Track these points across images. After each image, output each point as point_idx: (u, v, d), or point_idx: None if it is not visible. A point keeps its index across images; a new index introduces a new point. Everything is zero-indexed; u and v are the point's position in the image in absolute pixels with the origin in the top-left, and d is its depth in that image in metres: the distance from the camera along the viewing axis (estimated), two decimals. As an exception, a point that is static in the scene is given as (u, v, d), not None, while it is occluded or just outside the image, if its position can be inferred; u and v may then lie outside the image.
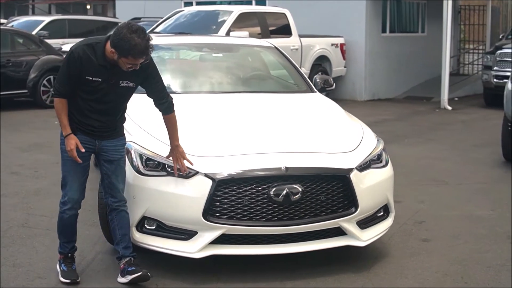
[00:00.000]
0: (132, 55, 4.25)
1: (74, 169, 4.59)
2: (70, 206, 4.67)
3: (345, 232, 5.01)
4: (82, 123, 4.53)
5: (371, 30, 16.57)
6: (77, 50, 4.40)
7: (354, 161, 5.01)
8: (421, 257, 5.42)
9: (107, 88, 4.46)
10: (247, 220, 4.70)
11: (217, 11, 13.64)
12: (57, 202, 6.59)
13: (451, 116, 13.95)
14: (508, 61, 14.71)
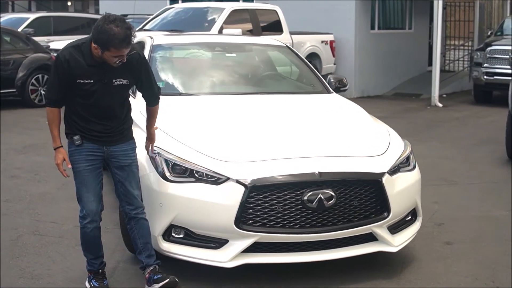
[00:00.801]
0: (114, 45, 4.03)
1: (87, 179, 4.39)
2: (90, 219, 4.43)
3: (376, 238, 4.88)
4: (87, 129, 4.32)
5: (360, 27, 16.51)
6: (63, 54, 4.19)
7: (385, 165, 4.89)
8: (448, 261, 5.32)
9: (101, 89, 4.24)
10: (280, 227, 4.54)
11: (209, 8, 13.44)
12: (65, 208, 6.49)
13: (444, 114, 13.92)
14: (498, 58, 14.74)
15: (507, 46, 14.69)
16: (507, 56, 14.52)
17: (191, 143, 4.78)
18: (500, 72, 14.63)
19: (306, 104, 5.98)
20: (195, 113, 5.41)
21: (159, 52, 6.41)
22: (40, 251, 5.35)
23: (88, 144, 4.33)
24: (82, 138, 4.31)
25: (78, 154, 4.34)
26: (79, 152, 4.33)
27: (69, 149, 4.38)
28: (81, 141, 4.31)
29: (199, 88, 6.15)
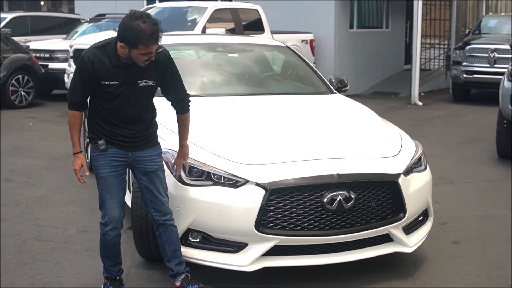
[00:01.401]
0: (142, 42, 3.90)
1: (111, 186, 4.27)
2: (113, 226, 4.31)
3: (391, 239, 4.88)
4: (112, 133, 4.19)
5: (340, 26, 16.55)
6: (87, 55, 4.06)
7: (400, 165, 4.88)
8: (458, 260, 5.34)
9: (127, 91, 4.11)
10: (300, 230, 4.50)
11: (191, 8, 13.35)
12: (64, 211, 6.38)
13: (425, 112, 14.02)
14: (477, 56, 14.90)
15: (486, 45, 14.86)
16: (486, 55, 14.72)
17: (207, 145, 4.71)
18: (479, 70, 14.80)
19: (315, 105, 5.95)
20: (206, 115, 5.34)
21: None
22: (47, 258, 5.23)
23: (113, 149, 4.21)
24: (107, 143, 4.20)
25: (102, 159, 4.22)
26: (103, 157, 4.21)
27: (92, 153, 4.27)
28: (106, 146, 4.19)
29: (205, 89, 6.08)
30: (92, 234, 5.77)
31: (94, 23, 15.31)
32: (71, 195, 7.01)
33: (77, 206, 6.60)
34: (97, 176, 4.30)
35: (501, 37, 15.42)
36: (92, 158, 4.27)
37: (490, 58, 14.61)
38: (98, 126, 4.20)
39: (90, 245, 5.50)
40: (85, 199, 6.83)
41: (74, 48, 12.07)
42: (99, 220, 5.94)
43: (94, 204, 6.61)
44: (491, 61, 14.61)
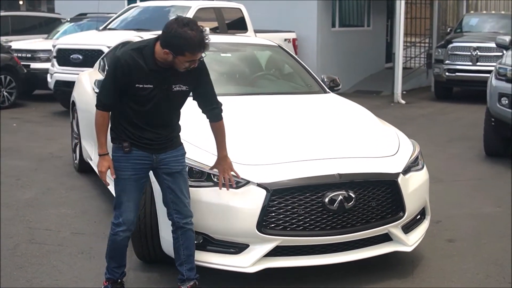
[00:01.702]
0: (189, 50, 3.84)
1: (130, 188, 4.18)
2: (126, 228, 4.24)
3: (390, 238, 4.88)
4: (138, 137, 4.11)
5: (322, 24, 16.57)
6: (124, 57, 3.98)
7: (399, 165, 4.89)
8: (455, 259, 5.36)
9: (160, 95, 4.04)
10: (301, 230, 4.49)
11: (174, 7, 13.24)
12: (55, 214, 6.30)
13: (409, 110, 14.07)
14: (460, 54, 14.99)
15: (468, 43, 14.96)
16: (468, 53, 14.81)
17: (206, 146, 4.67)
18: (462, 68, 14.89)
19: (312, 105, 5.94)
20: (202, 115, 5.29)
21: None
22: (42, 261, 5.16)
23: (137, 151, 4.13)
24: (131, 145, 4.12)
25: (125, 161, 4.14)
26: (126, 159, 4.13)
27: (114, 154, 4.18)
28: (130, 148, 4.12)
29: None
30: (86, 237, 5.72)
31: (75, 23, 15.18)
32: (61, 196, 6.93)
33: (68, 208, 6.52)
34: (117, 177, 4.20)
35: (483, 35, 15.54)
36: (114, 158, 4.18)
37: (473, 56, 14.71)
38: (123, 129, 4.10)
39: (85, 247, 5.44)
40: (75, 200, 6.77)
41: (58, 48, 11.95)
42: (91, 222, 6.05)
43: (85, 205, 6.59)
44: (474, 59, 14.71)
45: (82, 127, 7.42)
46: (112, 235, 4.31)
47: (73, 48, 11.69)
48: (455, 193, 7.34)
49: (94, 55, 11.45)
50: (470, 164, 8.79)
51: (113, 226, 4.29)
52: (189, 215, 4.30)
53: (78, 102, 7.66)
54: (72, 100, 8.04)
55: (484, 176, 8.14)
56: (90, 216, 6.27)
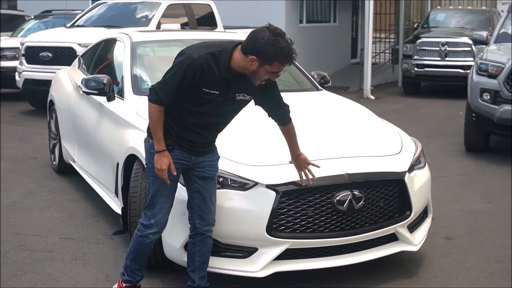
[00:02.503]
0: (279, 60, 3.71)
1: (166, 189, 4.01)
2: (157, 230, 4.08)
3: (396, 238, 4.80)
4: (182, 138, 3.94)
5: (290, 20, 16.52)
6: (200, 60, 3.76)
7: (405, 163, 4.82)
8: (456, 257, 5.32)
9: (222, 102, 3.89)
10: (311, 232, 4.38)
11: (143, 3, 12.99)
12: (40, 218, 6.08)
13: (380, 106, 14.04)
14: (428, 50, 15.06)
15: (436, 38, 15.04)
16: (437, 48, 14.89)
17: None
18: (430, 64, 14.97)
19: (308, 103, 5.83)
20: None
21: (142, 50, 6.07)
22: (35, 269, 4.93)
23: (178, 151, 3.96)
24: (173, 145, 3.94)
25: None
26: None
27: (150, 151, 4.00)
28: (173, 146, 3.93)
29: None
30: (76, 242, 5.51)
31: (40, 20, 14.80)
32: (44, 199, 6.68)
33: (53, 211, 6.28)
34: (151, 175, 4.03)
35: (451, 31, 15.68)
36: (149, 155, 4.02)
37: (441, 51, 14.80)
38: (168, 126, 3.92)
39: (77, 253, 5.24)
40: (59, 204, 6.53)
41: (26, 45, 11.59)
42: (80, 226, 5.83)
43: (70, 209, 6.37)
44: (442, 55, 14.80)
45: (63, 128, 7.17)
46: (139, 236, 4.11)
47: (43, 46, 11.36)
48: (444, 190, 7.29)
49: (65, 53, 11.18)
50: (452, 160, 8.79)
51: (142, 228, 4.09)
52: (212, 223, 4.15)
53: (58, 102, 7.40)
54: (49, 100, 7.78)
55: (468, 172, 8.15)
56: (78, 220, 6.05)
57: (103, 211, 6.17)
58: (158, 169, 3.91)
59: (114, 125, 5.49)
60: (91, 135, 6.08)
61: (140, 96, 5.51)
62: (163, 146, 3.89)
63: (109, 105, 5.71)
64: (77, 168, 6.76)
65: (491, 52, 8.71)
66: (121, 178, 5.15)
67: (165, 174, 3.91)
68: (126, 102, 5.55)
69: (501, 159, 8.72)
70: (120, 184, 5.17)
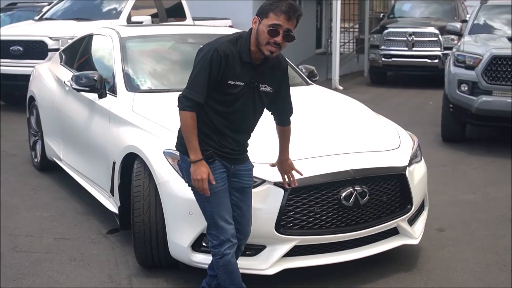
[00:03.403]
0: (273, 10, 3.58)
1: (223, 200, 3.81)
2: (231, 243, 3.83)
3: (397, 231, 4.86)
4: (219, 144, 3.78)
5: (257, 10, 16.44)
6: (222, 48, 3.62)
7: (405, 157, 4.88)
8: (451, 248, 5.41)
9: (248, 94, 3.75)
10: (318, 228, 4.40)
11: (113, -5, 12.84)
12: (30, 217, 6.01)
13: (350, 96, 14.15)
14: (395, 40, 15.22)
15: (403, 29, 15.20)
16: (404, 38, 15.05)
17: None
18: (397, 54, 15.13)
19: (303, 98, 5.80)
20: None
21: (131, 45, 5.99)
22: (35, 271, 4.85)
23: (219, 161, 3.80)
24: (212, 155, 3.77)
25: (212, 172, 3.75)
26: (212, 170, 3.75)
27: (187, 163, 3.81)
28: (213, 157, 3.77)
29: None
30: (71, 242, 5.44)
31: (5, 13, 14.47)
32: (31, 198, 6.57)
33: (42, 210, 6.18)
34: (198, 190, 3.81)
35: (417, 21, 15.85)
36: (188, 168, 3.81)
37: (408, 41, 14.96)
38: (203, 135, 3.75)
39: (74, 254, 5.17)
40: (47, 202, 6.43)
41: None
42: (72, 226, 5.75)
43: (59, 207, 6.28)
44: (409, 45, 14.97)
45: (46, 124, 7.05)
46: (219, 259, 3.84)
47: (13, 40, 11.12)
48: (428, 181, 7.37)
49: (36, 46, 10.98)
50: (431, 150, 8.88)
51: (216, 248, 3.83)
52: (247, 237, 4.04)
53: (39, 98, 7.26)
54: (30, 96, 7.63)
55: (448, 162, 8.27)
56: (69, 219, 5.96)
57: (92, 209, 6.10)
58: (197, 179, 3.69)
59: (108, 122, 5.41)
60: (81, 132, 5.98)
61: (134, 92, 5.45)
62: (199, 155, 3.70)
63: (101, 102, 5.63)
64: (63, 166, 6.66)
65: (468, 44, 8.84)
66: (118, 177, 5.09)
67: (205, 185, 3.69)
68: (119, 99, 5.47)
69: (478, 149, 8.89)
70: (117, 183, 5.11)
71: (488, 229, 5.86)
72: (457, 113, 8.78)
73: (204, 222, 4.27)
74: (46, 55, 10.79)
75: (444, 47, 14.70)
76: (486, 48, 8.46)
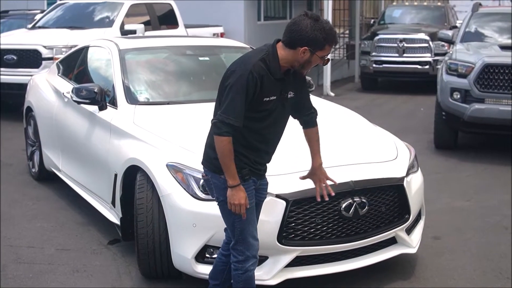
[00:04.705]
0: (329, 42, 3.64)
1: (252, 218, 3.86)
2: (255, 260, 3.90)
3: (395, 241, 4.95)
4: (253, 161, 3.80)
5: (249, 18, 16.61)
6: (256, 69, 3.61)
7: (402, 168, 4.97)
8: (447, 256, 5.51)
9: (278, 105, 3.76)
10: (319, 239, 4.49)
11: (106, 3, 12.88)
12: (30, 228, 6.06)
13: (341, 103, 13.74)
14: (386, 46, 15.35)
15: (394, 35, 15.34)
16: (394, 45, 15.18)
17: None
18: (388, 60, 15.26)
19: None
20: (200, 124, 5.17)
21: (130, 57, 6.05)
22: (40, 283, 4.91)
23: (251, 178, 3.84)
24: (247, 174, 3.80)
25: (245, 190, 3.76)
26: (246, 187, 3.77)
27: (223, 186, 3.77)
28: (249, 175, 3.79)
29: (187, 95, 5.91)
30: (73, 253, 5.49)
31: (-4, 21, 14.49)
32: (30, 208, 6.62)
33: (43, 221, 6.23)
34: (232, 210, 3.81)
35: (408, 27, 15.99)
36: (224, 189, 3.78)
37: (399, 47, 15.10)
38: (240, 155, 3.74)
39: (77, 265, 5.22)
40: (47, 213, 6.48)
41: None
42: (73, 236, 5.80)
43: (59, 218, 6.33)
44: (400, 51, 15.10)
45: (44, 135, 7.10)
46: (242, 274, 3.88)
47: (7, 49, 11.14)
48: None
49: (30, 56, 11.01)
50: (424, 157, 8.94)
51: (240, 264, 3.87)
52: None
53: (37, 108, 7.31)
54: (27, 106, 7.67)
55: (441, 170, 8.38)
56: (69, 230, 6.02)
57: (92, 219, 6.15)
58: (236, 204, 3.70)
59: (109, 135, 5.48)
60: (81, 143, 6.04)
61: (135, 105, 5.52)
62: (237, 180, 3.69)
63: (102, 114, 5.69)
64: (62, 177, 6.71)
65: (460, 52, 8.95)
66: (119, 188, 5.16)
67: (243, 209, 3.72)
68: (120, 112, 5.54)
69: (470, 156, 9.00)
70: (119, 194, 5.17)
71: (483, 237, 5.96)
72: (449, 121, 8.89)
73: (207, 234, 4.41)
74: (40, 64, 10.85)
75: (434, 53, 14.85)
76: (478, 56, 8.58)
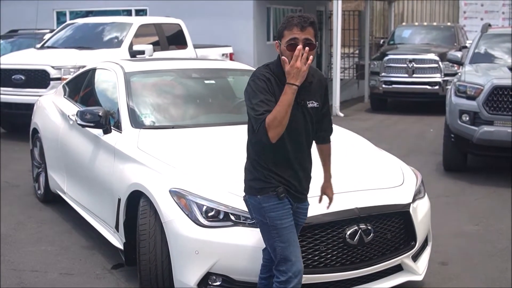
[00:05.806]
0: (288, 27, 3.62)
1: (293, 237, 3.83)
2: (298, 280, 3.83)
3: (401, 268, 4.88)
4: (286, 180, 3.80)
5: (258, 38, 16.63)
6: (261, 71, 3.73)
7: (408, 194, 4.91)
8: (456, 283, 5.44)
9: (297, 113, 3.72)
10: (323, 267, 4.42)
11: (115, 23, 12.94)
12: (35, 252, 6.02)
13: (350, 124, 14.15)
14: (395, 66, 15.31)
15: (403, 55, 15.30)
16: (404, 65, 15.14)
17: (220, 182, 4.53)
18: (397, 80, 15.22)
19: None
20: (206, 149, 5.15)
21: (136, 80, 6.04)
22: (43, 309, 4.88)
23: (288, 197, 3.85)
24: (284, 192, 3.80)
25: (281, 209, 3.79)
26: (282, 206, 3.79)
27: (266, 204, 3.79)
28: (285, 193, 3.80)
29: (192, 119, 5.88)
30: (76, 277, 5.44)
31: (6, 40, 14.56)
32: (35, 231, 6.58)
33: (47, 244, 6.19)
34: (277, 227, 3.80)
35: (417, 47, 15.95)
36: (268, 209, 3.80)
37: (409, 68, 15.06)
38: (269, 172, 3.78)
39: (80, 290, 5.19)
40: (51, 236, 6.44)
41: (1, 67, 11.36)
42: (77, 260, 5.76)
43: (63, 241, 6.28)
44: (410, 71, 15.06)
45: (50, 157, 7.08)
46: None
47: (15, 68, 11.18)
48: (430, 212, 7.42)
49: (38, 76, 11.04)
50: (433, 180, 8.92)
51: (282, 285, 3.82)
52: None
53: (43, 130, 7.30)
54: (33, 128, 7.67)
55: (450, 193, 8.30)
56: (73, 254, 5.97)
57: (97, 243, 6.11)
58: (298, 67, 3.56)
59: (113, 158, 5.45)
60: (86, 167, 6.01)
61: (139, 129, 5.49)
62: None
63: (106, 138, 5.66)
64: (67, 199, 6.68)
65: (469, 74, 8.90)
66: (123, 213, 5.12)
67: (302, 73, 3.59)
68: (124, 136, 5.51)
69: (479, 179, 8.90)
70: (122, 219, 5.13)
71: (491, 262, 5.87)
72: (458, 143, 8.82)
73: (210, 261, 4.36)
74: (48, 84, 10.88)
75: (444, 73, 14.81)
76: (487, 78, 8.52)
